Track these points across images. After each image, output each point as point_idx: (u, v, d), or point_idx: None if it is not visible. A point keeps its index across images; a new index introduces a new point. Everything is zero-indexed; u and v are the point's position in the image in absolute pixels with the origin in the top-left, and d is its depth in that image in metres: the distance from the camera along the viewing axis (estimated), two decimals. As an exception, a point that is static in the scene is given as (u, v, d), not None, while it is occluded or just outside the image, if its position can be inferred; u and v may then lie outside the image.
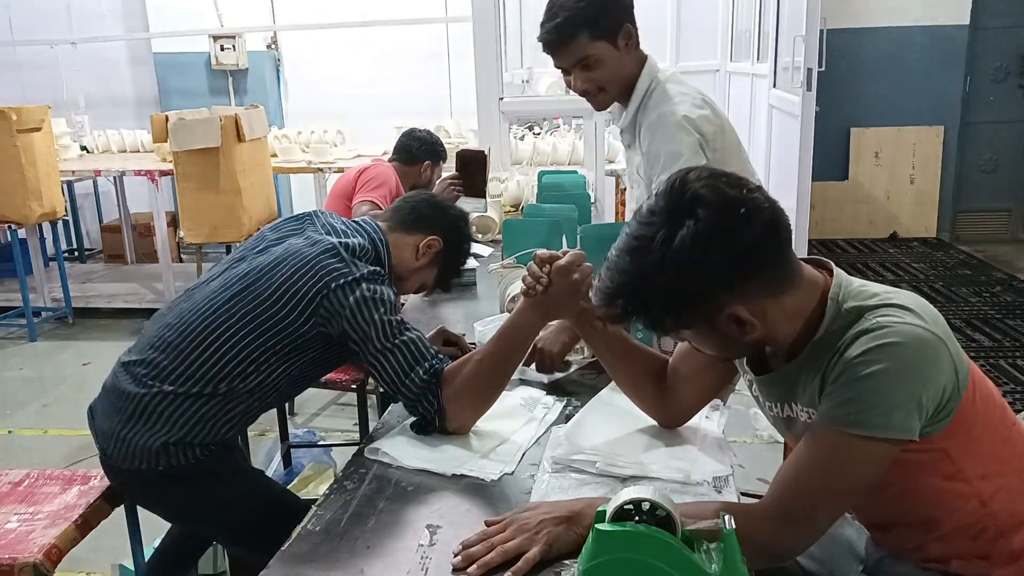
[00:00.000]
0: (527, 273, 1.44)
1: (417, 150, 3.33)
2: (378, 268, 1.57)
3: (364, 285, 1.50)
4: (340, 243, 1.57)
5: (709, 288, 1.04)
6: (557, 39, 1.85)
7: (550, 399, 1.66)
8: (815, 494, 1.06)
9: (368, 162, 3.29)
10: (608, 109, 2.05)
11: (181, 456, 1.54)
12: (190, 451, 1.55)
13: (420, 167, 3.31)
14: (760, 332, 1.09)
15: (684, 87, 1.92)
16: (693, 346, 1.19)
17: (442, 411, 1.46)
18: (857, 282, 1.13)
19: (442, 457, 1.42)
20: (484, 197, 2.94)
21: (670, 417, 1.45)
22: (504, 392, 1.54)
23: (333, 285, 1.49)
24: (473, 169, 2.90)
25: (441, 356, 1.52)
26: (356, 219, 1.74)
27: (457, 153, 2.95)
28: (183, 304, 1.62)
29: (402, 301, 2.09)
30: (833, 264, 1.16)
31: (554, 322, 1.65)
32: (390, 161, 3.34)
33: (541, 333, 1.64)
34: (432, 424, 1.48)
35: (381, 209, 2.84)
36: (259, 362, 1.53)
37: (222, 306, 1.55)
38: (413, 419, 1.52)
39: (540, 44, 1.92)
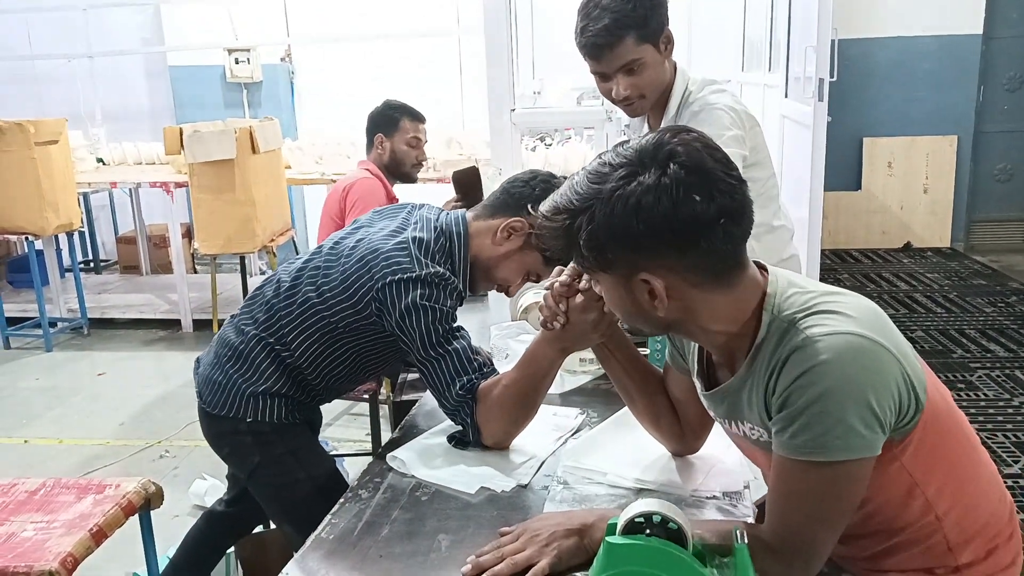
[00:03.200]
0: (544, 304, 1.40)
1: (368, 133, 3.11)
2: (442, 271, 1.53)
3: (421, 289, 1.49)
4: (414, 237, 1.57)
5: (639, 242, 0.99)
6: (606, 42, 1.78)
7: (571, 411, 1.66)
8: (807, 525, 1.04)
9: (354, 173, 3.09)
10: (626, 123, 2.06)
11: (267, 411, 1.63)
12: (275, 407, 1.63)
13: (375, 148, 3.10)
14: (674, 316, 1.06)
15: (720, 86, 1.93)
16: (604, 298, 1.13)
17: (476, 427, 1.47)
18: (796, 285, 1.08)
19: (456, 472, 1.42)
20: None
21: (685, 444, 1.41)
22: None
23: (389, 279, 1.51)
24: (473, 188, 2.86)
25: (484, 369, 1.51)
26: (448, 212, 1.71)
27: (453, 177, 2.91)
28: (289, 264, 1.73)
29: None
30: (770, 268, 1.11)
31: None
32: (368, 158, 3.15)
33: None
34: (468, 437, 1.50)
35: None
36: (325, 333, 1.61)
37: (307, 274, 1.64)
38: (447, 433, 1.54)
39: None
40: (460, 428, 1.51)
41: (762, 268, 1.11)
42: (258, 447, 1.66)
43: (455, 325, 1.53)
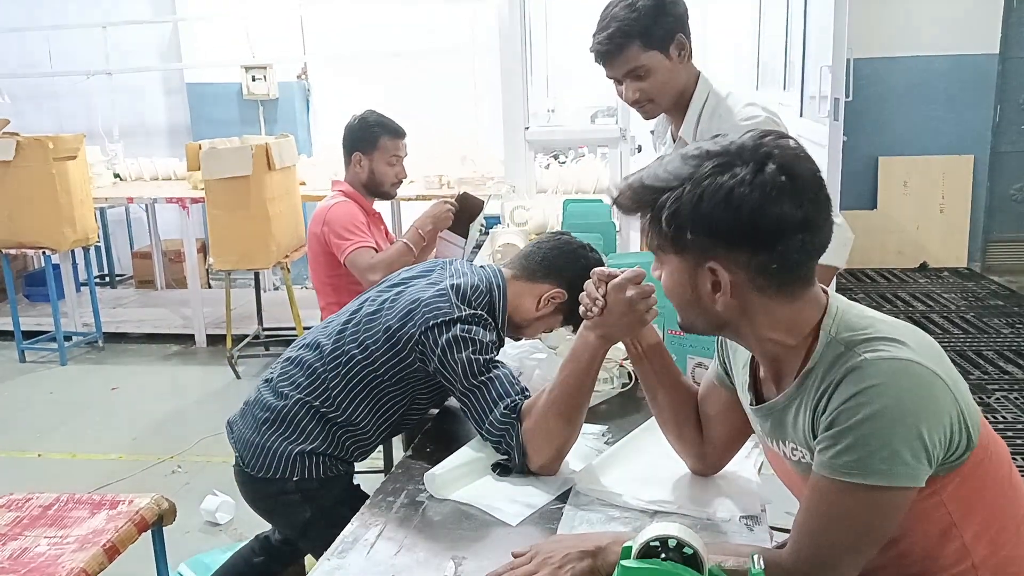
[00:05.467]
0: (584, 294, 1.40)
1: (345, 149, 2.93)
2: (482, 313, 1.60)
3: (460, 326, 1.54)
4: (452, 284, 1.63)
5: (719, 230, 1.00)
6: (608, 49, 1.86)
7: (596, 429, 1.65)
8: (834, 548, 1.02)
9: (329, 199, 2.89)
10: (652, 128, 2.08)
11: (314, 468, 1.64)
12: (323, 464, 1.65)
13: (352, 165, 2.90)
14: (731, 315, 1.06)
15: (747, 94, 1.95)
16: (665, 285, 1.12)
17: (522, 448, 1.45)
18: (855, 310, 1.08)
19: (499, 498, 1.40)
20: (466, 239, 2.92)
21: (706, 461, 1.40)
22: None
23: (431, 323, 1.56)
24: (468, 213, 2.88)
25: (527, 392, 1.52)
26: (482, 265, 1.78)
27: (459, 195, 2.89)
28: (324, 327, 1.75)
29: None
30: (830, 291, 1.11)
31: None
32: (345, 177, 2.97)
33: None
34: (514, 463, 1.47)
35: (379, 250, 2.74)
36: (375, 392, 1.64)
37: (350, 335, 1.67)
38: (482, 450, 1.52)
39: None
40: (504, 455, 1.49)
41: (822, 289, 1.11)
42: (307, 503, 1.68)
43: (495, 356, 1.56)
